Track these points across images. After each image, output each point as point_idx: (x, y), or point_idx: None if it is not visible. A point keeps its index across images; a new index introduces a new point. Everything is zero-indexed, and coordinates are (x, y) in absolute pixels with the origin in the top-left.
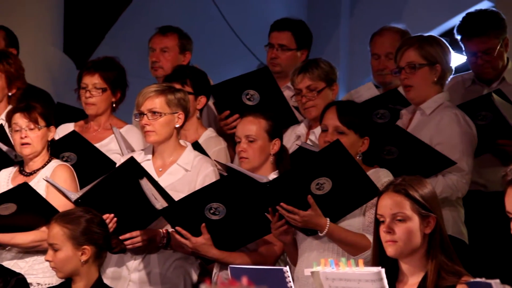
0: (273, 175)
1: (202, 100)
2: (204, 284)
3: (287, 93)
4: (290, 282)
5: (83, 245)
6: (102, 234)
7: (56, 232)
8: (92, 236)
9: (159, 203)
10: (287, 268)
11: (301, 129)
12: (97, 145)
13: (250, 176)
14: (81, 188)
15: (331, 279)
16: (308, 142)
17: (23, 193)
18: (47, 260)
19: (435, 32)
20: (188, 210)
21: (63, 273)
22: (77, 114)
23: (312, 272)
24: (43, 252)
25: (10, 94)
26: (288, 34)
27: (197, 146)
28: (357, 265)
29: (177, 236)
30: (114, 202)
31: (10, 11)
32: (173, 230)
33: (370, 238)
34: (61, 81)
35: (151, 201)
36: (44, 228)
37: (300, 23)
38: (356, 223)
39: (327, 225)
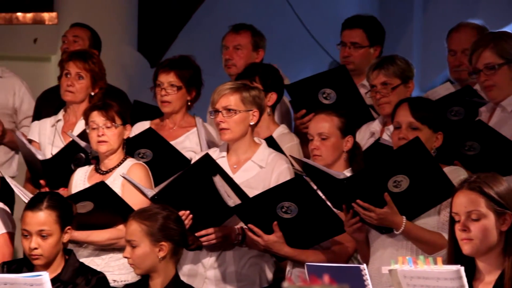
0: (346, 173)
1: (273, 96)
2: (286, 282)
3: (362, 91)
4: (367, 279)
5: (160, 241)
6: (179, 231)
7: (134, 228)
8: (169, 233)
9: (232, 200)
10: (364, 266)
11: (375, 126)
12: (172, 142)
13: (326, 172)
14: (155, 185)
15: (409, 277)
16: (384, 137)
17: (100, 192)
18: (125, 257)
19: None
20: (260, 208)
21: (141, 270)
22: (154, 112)
23: (390, 270)
24: (119, 249)
25: (92, 93)
26: (360, 32)
27: (271, 141)
28: (435, 263)
29: (249, 234)
30: (190, 199)
31: (85, 11)
32: (246, 227)
33: (447, 236)
34: (135, 80)
35: (224, 198)
36: (120, 226)
37: (372, 19)
38: (432, 221)
39: (403, 223)
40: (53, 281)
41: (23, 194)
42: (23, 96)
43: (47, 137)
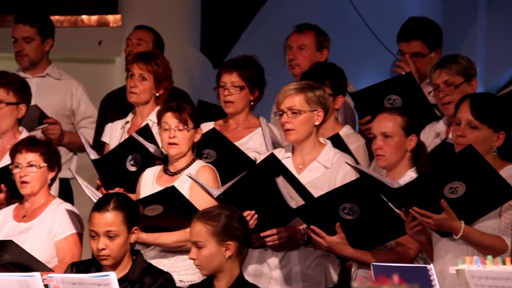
0: (410, 172)
1: (340, 100)
2: (356, 282)
3: (425, 90)
4: (434, 279)
5: (226, 241)
6: (243, 229)
7: (199, 229)
8: (234, 232)
9: (294, 202)
10: (431, 266)
11: (440, 126)
12: (236, 143)
13: (380, 180)
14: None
15: (477, 277)
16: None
17: (170, 196)
18: (191, 258)
19: None
20: (323, 209)
21: (207, 270)
22: (218, 112)
23: (457, 270)
24: (185, 250)
25: (157, 94)
26: (418, 43)
27: (337, 139)
28: (504, 263)
29: (312, 235)
30: (255, 199)
31: (149, 12)
32: (308, 228)
33: (508, 240)
34: (198, 81)
35: (286, 200)
36: (189, 229)
37: (426, 24)
38: (492, 224)
39: (462, 228)
40: (121, 281)
41: (93, 195)
42: (80, 98)
43: (116, 139)
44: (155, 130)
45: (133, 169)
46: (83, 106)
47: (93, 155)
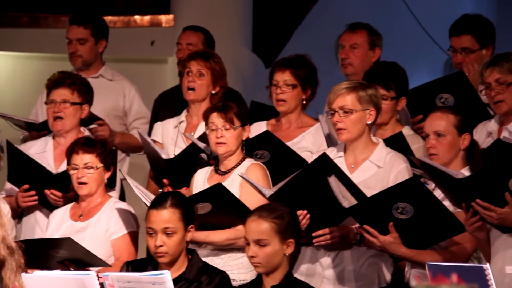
0: (464, 171)
1: (403, 101)
2: (414, 281)
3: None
4: (491, 279)
5: (288, 238)
6: (299, 227)
7: (265, 227)
8: (296, 229)
9: (347, 202)
10: (487, 266)
11: (492, 125)
12: (288, 143)
13: (444, 171)
14: (272, 185)
15: None
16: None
17: (217, 193)
18: (251, 256)
19: None
20: (376, 209)
21: (266, 268)
22: (270, 112)
23: None
24: (237, 248)
25: (213, 92)
26: (468, 37)
27: (400, 138)
28: None
29: (365, 234)
30: (307, 198)
31: (201, 12)
32: (361, 228)
33: None
34: (250, 80)
35: (339, 199)
36: (239, 227)
37: (479, 20)
38: None
39: None
40: (178, 279)
41: (143, 195)
42: (133, 99)
43: (170, 138)
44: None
45: (199, 169)
46: (135, 106)
47: (165, 155)
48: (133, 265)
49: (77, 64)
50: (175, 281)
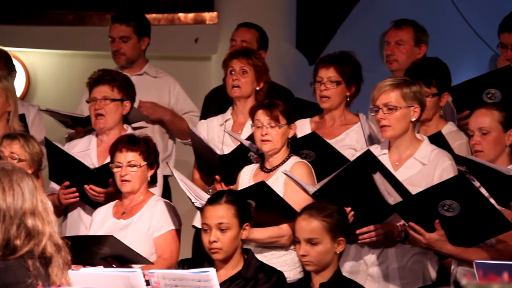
0: (510, 168)
1: (446, 97)
2: (465, 279)
3: None
4: None
5: (339, 236)
6: (348, 225)
7: (316, 226)
8: (346, 227)
9: (392, 198)
10: None
11: None
12: (332, 140)
13: (493, 168)
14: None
15: None
16: None
17: (260, 191)
18: (302, 255)
19: None
20: (422, 206)
21: (317, 267)
22: (314, 109)
23: None
24: (280, 247)
25: (257, 88)
26: None
27: (439, 137)
28: None
29: (411, 232)
30: (351, 196)
31: (245, 10)
32: (407, 225)
33: None
34: (294, 77)
35: (384, 196)
36: (283, 225)
37: None
38: None
39: None
40: (235, 277)
41: (189, 190)
42: (178, 94)
43: (216, 136)
44: None
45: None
46: (181, 101)
47: (219, 151)
48: (188, 263)
49: (120, 62)
50: (232, 279)
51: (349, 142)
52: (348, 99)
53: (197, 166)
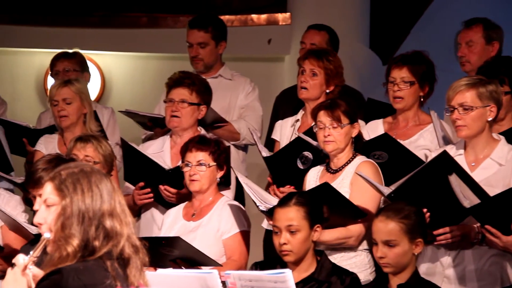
0: None
1: None
2: None
3: None
4: None
5: (417, 238)
6: (426, 226)
7: (393, 228)
8: (423, 228)
9: (467, 201)
10: None
11: None
12: (406, 142)
13: None
14: (391, 184)
15: None
16: None
17: (325, 193)
18: (380, 257)
19: None
20: (499, 208)
21: (395, 268)
22: (387, 110)
23: None
24: (350, 248)
25: (328, 91)
26: None
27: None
28: None
29: (487, 234)
30: (426, 197)
31: (318, 10)
32: (483, 227)
33: None
34: (367, 78)
35: (459, 199)
36: (350, 226)
37: None
38: None
39: None
40: (308, 280)
41: (255, 196)
42: (250, 96)
43: (286, 137)
44: None
45: (303, 167)
46: (249, 113)
47: (265, 153)
48: (261, 265)
49: (199, 68)
50: (305, 281)
51: (423, 143)
52: (422, 99)
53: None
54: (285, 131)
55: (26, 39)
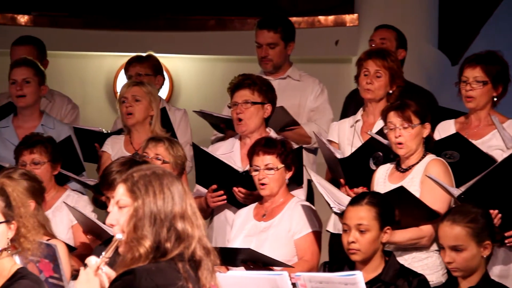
0: None
1: None
2: None
3: None
4: None
5: (484, 240)
6: (494, 228)
7: (459, 232)
8: (491, 230)
9: None
10: None
11: None
12: (478, 141)
13: None
14: (461, 184)
15: None
16: None
17: (399, 196)
18: (448, 262)
19: None
20: None
21: (464, 272)
22: (456, 117)
23: None
24: (421, 249)
25: (390, 91)
26: None
27: None
28: None
29: None
30: (498, 197)
31: (386, 11)
32: None
33: None
34: (436, 78)
35: None
36: (423, 227)
37: None
38: None
39: None
40: (374, 281)
41: (329, 196)
42: (319, 97)
43: (346, 138)
44: None
45: (375, 167)
46: (318, 116)
47: (339, 155)
48: (329, 266)
49: (268, 68)
50: (371, 282)
51: (496, 143)
52: (495, 100)
53: (330, 175)
54: (344, 132)
55: (95, 43)
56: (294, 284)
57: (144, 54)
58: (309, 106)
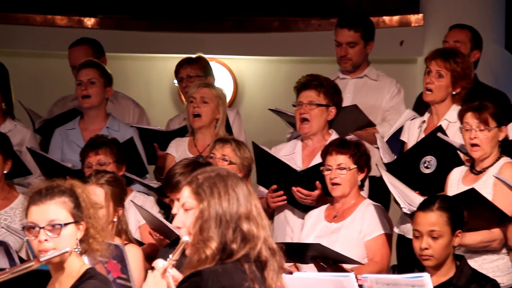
0: None
1: None
2: None
3: None
4: None
5: None
6: None
7: None
8: None
9: None
10: None
11: None
12: None
13: None
14: None
15: None
16: None
17: (470, 198)
18: None
19: None
20: None
21: None
22: None
23: None
24: (492, 251)
25: (454, 93)
26: None
27: None
28: None
29: None
30: None
31: (451, 11)
32: None
33: None
34: (503, 78)
35: None
36: (494, 229)
37: None
38: None
39: None
40: (445, 284)
41: (400, 197)
42: (395, 97)
43: (413, 138)
44: (450, 130)
45: (427, 171)
46: (393, 116)
47: (386, 159)
48: (399, 268)
49: (347, 67)
50: (442, 286)
51: None
52: None
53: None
54: (413, 133)
55: (160, 45)
56: (361, 286)
57: (193, 56)
58: (385, 106)
